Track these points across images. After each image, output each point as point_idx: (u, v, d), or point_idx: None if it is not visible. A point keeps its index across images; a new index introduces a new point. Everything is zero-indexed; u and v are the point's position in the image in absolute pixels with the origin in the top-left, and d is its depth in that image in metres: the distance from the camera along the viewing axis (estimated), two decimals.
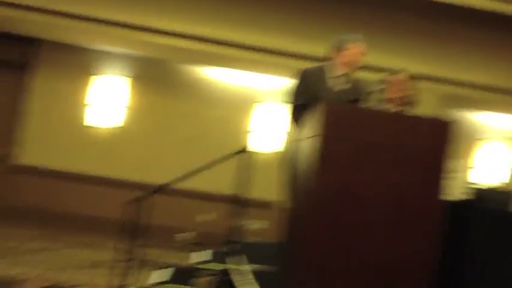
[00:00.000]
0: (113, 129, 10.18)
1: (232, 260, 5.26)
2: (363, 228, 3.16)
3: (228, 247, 5.80)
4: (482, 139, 10.95)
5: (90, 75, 10.18)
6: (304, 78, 4.82)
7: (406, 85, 4.80)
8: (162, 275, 5.32)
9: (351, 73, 4.84)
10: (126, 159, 10.02)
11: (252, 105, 10.35)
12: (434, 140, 3.22)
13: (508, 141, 10.96)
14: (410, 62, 8.52)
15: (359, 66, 4.86)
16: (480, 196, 3.51)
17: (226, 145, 7.96)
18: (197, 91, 10.30)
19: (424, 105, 4.98)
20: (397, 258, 3.16)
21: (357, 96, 4.74)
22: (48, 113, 10.06)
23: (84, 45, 9.91)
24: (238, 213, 5.65)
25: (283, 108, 7.87)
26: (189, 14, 8.74)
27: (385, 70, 5.13)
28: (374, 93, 3.89)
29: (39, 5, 8.42)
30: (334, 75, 4.81)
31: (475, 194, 3.54)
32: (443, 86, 9.05)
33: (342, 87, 4.81)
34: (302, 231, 3.26)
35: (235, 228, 5.61)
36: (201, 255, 5.69)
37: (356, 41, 4.79)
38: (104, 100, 10.17)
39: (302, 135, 3.89)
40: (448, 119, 3.29)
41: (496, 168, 10.89)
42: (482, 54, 9.11)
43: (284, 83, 8.92)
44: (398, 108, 4.76)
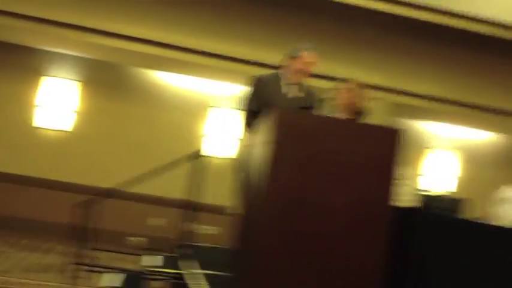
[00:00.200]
0: (62, 132, 10.04)
1: (184, 264, 5.26)
2: (315, 235, 3.16)
3: (180, 252, 5.80)
4: (430, 148, 11.19)
5: (40, 76, 10.02)
6: (257, 85, 4.85)
7: (357, 94, 4.88)
8: (113, 279, 5.27)
9: (304, 81, 4.92)
10: (77, 162, 9.89)
11: (205, 111, 10.35)
12: (384, 147, 3.25)
13: (454, 150, 11.23)
14: (362, 71, 8.68)
15: (310, 74, 4.94)
16: (428, 203, 3.58)
17: (178, 150, 7.95)
18: (149, 95, 10.25)
19: (375, 114, 5.08)
20: (349, 263, 3.17)
21: (309, 103, 4.81)
22: None
23: (33, 46, 9.76)
24: (190, 218, 5.65)
25: (236, 114, 7.91)
26: (142, 17, 8.69)
27: (337, 79, 5.21)
28: (326, 101, 3.95)
29: None
30: (288, 82, 4.88)
31: (423, 200, 3.61)
32: (393, 95, 9.22)
33: (296, 94, 4.87)
34: (254, 237, 3.25)
35: (187, 233, 5.60)
36: (153, 260, 5.67)
37: (308, 50, 4.86)
38: (54, 102, 10.03)
39: (254, 141, 3.91)
40: (398, 128, 3.34)
41: (443, 176, 11.14)
42: (432, 66, 9.32)
43: (237, 89, 8.97)
44: (350, 116, 4.84)
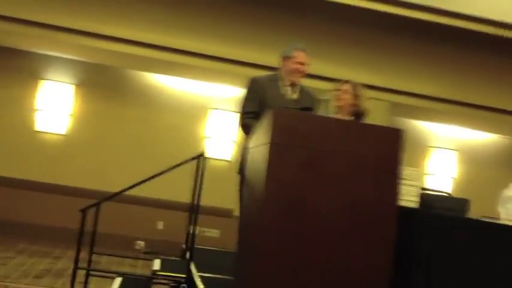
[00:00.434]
0: (61, 135, 10.04)
1: (189, 267, 5.27)
2: (315, 237, 3.14)
3: (184, 255, 5.81)
4: (431, 147, 11.20)
5: (38, 80, 10.03)
6: (254, 86, 4.84)
7: (356, 94, 4.90)
8: (116, 283, 5.29)
9: (300, 81, 4.93)
10: (77, 166, 9.90)
11: (204, 113, 10.35)
12: (386, 148, 3.24)
13: (455, 150, 11.24)
14: (361, 71, 8.70)
15: (306, 74, 4.95)
16: (431, 203, 3.56)
17: (177, 152, 7.97)
18: (147, 98, 10.25)
19: (374, 114, 5.10)
20: (351, 265, 3.15)
21: (308, 104, 4.81)
22: None
23: (30, 50, 9.78)
24: (193, 221, 5.66)
25: (234, 116, 7.92)
26: (139, 20, 8.70)
27: (336, 79, 5.22)
28: (325, 102, 3.96)
29: None
30: (286, 83, 4.89)
31: (426, 200, 3.60)
32: (393, 95, 9.22)
33: (295, 95, 4.89)
34: (254, 241, 3.23)
35: (191, 236, 5.61)
36: (156, 264, 5.68)
37: (299, 49, 4.88)
38: (52, 106, 10.03)
39: (253, 142, 3.91)
40: (398, 128, 3.33)
41: (444, 176, 11.14)
42: (431, 66, 9.33)
43: (236, 91, 8.98)
44: (349, 116, 4.86)
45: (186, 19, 8.76)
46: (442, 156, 11.20)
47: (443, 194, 4.00)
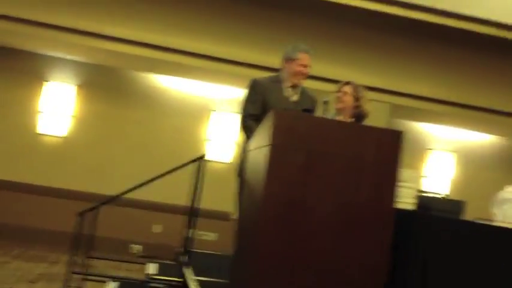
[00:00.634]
0: (62, 138, 10.00)
1: (186, 271, 5.22)
2: (313, 238, 3.13)
3: (180, 258, 5.76)
4: (430, 149, 11.17)
5: (41, 81, 9.99)
6: (256, 88, 4.81)
7: (357, 96, 4.86)
8: (113, 287, 5.23)
9: (301, 83, 4.89)
10: (77, 169, 9.85)
11: (206, 115, 10.32)
12: (385, 150, 3.23)
13: (454, 152, 11.21)
14: (362, 73, 8.66)
15: (310, 76, 4.92)
16: (429, 204, 3.56)
17: (179, 154, 7.94)
18: (149, 99, 10.22)
19: (374, 116, 5.06)
20: (349, 267, 3.15)
21: (308, 106, 4.78)
22: None
23: (33, 51, 9.74)
24: (190, 224, 5.61)
25: (235, 118, 7.88)
26: (143, 21, 8.65)
27: (336, 81, 5.18)
28: (325, 103, 3.92)
29: None
30: (288, 85, 4.85)
31: (424, 202, 3.59)
32: (393, 97, 9.19)
33: (296, 97, 4.85)
34: (253, 242, 3.22)
35: (188, 240, 5.56)
36: (153, 267, 5.62)
37: (303, 51, 4.83)
38: (54, 108, 9.99)
39: (253, 145, 3.88)
40: (398, 130, 3.31)
41: (442, 178, 11.12)
42: (431, 68, 9.30)
43: (238, 93, 8.93)
44: (350, 118, 4.82)
45: (188, 20, 8.72)
46: (440, 158, 11.17)
47: (440, 196, 3.97)
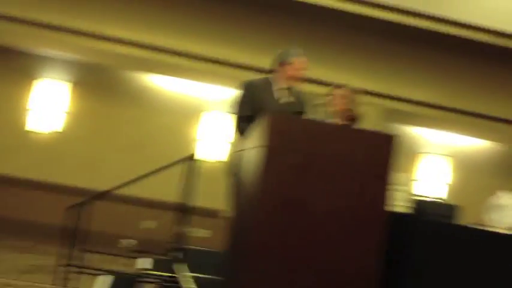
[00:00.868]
0: (54, 134, 10.00)
1: (176, 267, 5.25)
2: (306, 240, 3.15)
3: (172, 255, 5.79)
4: (424, 153, 11.22)
5: (32, 79, 10.00)
6: (249, 90, 4.82)
7: (351, 99, 4.89)
8: (104, 281, 5.25)
9: (295, 86, 4.93)
10: (69, 164, 9.86)
11: (198, 114, 10.34)
12: (378, 153, 3.25)
13: (447, 156, 11.26)
14: (356, 76, 8.71)
15: (303, 79, 4.95)
16: (423, 209, 3.58)
17: (169, 153, 7.94)
18: (141, 98, 10.23)
19: (368, 119, 5.10)
20: (342, 269, 3.16)
21: (301, 109, 4.81)
22: None
23: (25, 49, 9.73)
24: (182, 221, 5.64)
25: (228, 118, 7.91)
26: (135, 21, 8.69)
27: (330, 84, 5.22)
28: (319, 106, 3.96)
29: None
30: (279, 87, 4.88)
31: (417, 206, 3.61)
32: (386, 101, 9.23)
33: (288, 99, 4.88)
34: (245, 241, 3.25)
35: (179, 236, 5.59)
36: (144, 263, 5.65)
37: (299, 56, 4.87)
38: (46, 105, 9.99)
39: (246, 145, 3.90)
40: (391, 133, 3.34)
41: (436, 182, 11.17)
42: (425, 73, 9.36)
43: (230, 93, 8.96)
44: (343, 121, 4.86)
45: (181, 21, 8.75)
46: (435, 163, 11.22)
47: (436, 199, 4.01)
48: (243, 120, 4.71)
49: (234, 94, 4.95)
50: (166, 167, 5.66)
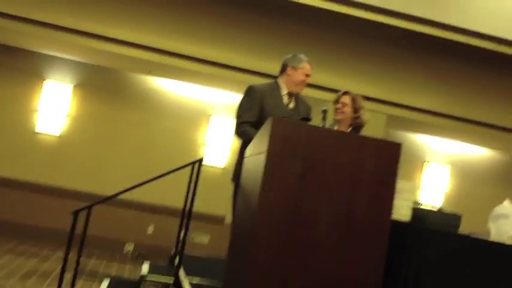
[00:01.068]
0: (59, 137, 10.00)
1: (179, 273, 5.23)
2: (308, 247, 3.13)
3: (173, 260, 5.78)
4: (428, 161, 11.20)
5: (39, 80, 10.00)
6: (253, 95, 4.80)
7: (357, 107, 4.88)
8: (106, 286, 5.24)
9: (300, 92, 4.92)
10: (73, 168, 9.85)
11: (203, 118, 10.33)
12: (382, 161, 3.23)
13: (449, 164, 11.24)
14: (360, 83, 8.70)
15: (308, 84, 4.95)
16: (424, 217, 3.56)
17: (175, 157, 7.96)
18: (146, 101, 10.23)
19: (371, 126, 5.08)
20: (342, 277, 3.13)
21: (305, 114, 4.80)
22: None
23: (32, 49, 9.75)
24: (186, 227, 5.62)
25: (232, 123, 7.91)
26: (143, 23, 8.67)
27: (334, 90, 5.21)
28: (324, 112, 3.94)
29: None
30: (286, 93, 4.87)
31: (419, 214, 3.59)
32: (390, 108, 9.21)
33: (294, 105, 4.87)
34: (247, 248, 3.22)
35: (183, 241, 5.58)
36: (146, 267, 5.64)
37: (306, 62, 4.87)
38: (51, 107, 9.99)
39: (249, 151, 3.88)
40: (396, 142, 3.33)
41: (437, 190, 11.15)
42: (429, 80, 9.32)
43: (235, 98, 8.95)
44: (347, 128, 4.84)
45: (187, 24, 8.74)
46: (435, 170, 11.20)
47: (438, 208, 3.98)
48: (248, 125, 4.68)
49: (239, 99, 4.93)
50: (175, 170, 5.61)
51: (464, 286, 3.38)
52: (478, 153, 11.33)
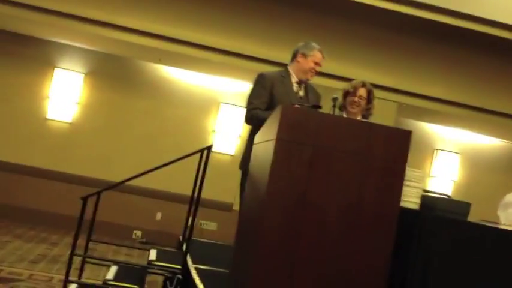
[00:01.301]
0: (69, 124, 10.04)
1: (187, 259, 5.24)
2: (318, 235, 3.11)
3: (181, 246, 5.78)
4: (438, 149, 11.16)
5: (49, 68, 10.02)
6: (263, 82, 4.79)
7: (371, 98, 4.87)
8: (114, 271, 5.26)
9: (309, 79, 4.90)
10: (83, 155, 9.91)
11: (213, 106, 10.34)
12: (392, 149, 3.21)
13: (460, 153, 11.20)
14: (371, 71, 8.67)
15: (318, 73, 4.93)
16: (434, 205, 3.54)
17: (184, 145, 7.96)
18: (156, 89, 10.26)
19: (382, 114, 5.06)
20: (350, 265, 3.12)
21: (315, 102, 4.78)
22: (2, 105, 9.87)
23: (43, 37, 9.77)
24: (194, 213, 5.62)
25: (242, 111, 7.90)
26: (152, 11, 8.67)
27: (345, 78, 5.19)
28: (334, 100, 3.92)
29: None
30: (296, 80, 4.85)
31: (429, 202, 3.57)
32: (401, 96, 9.17)
33: (303, 93, 4.86)
34: (254, 236, 3.20)
35: (191, 228, 5.58)
36: (154, 253, 5.65)
37: (317, 50, 4.84)
38: (62, 94, 10.02)
39: (258, 138, 3.87)
40: (407, 129, 3.31)
41: (448, 179, 11.12)
42: (441, 69, 9.28)
43: (245, 86, 8.94)
44: (358, 116, 4.83)
45: (198, 12, 8.72)
46: (445, 159, 11.16)
47: (448, 196, 3.95)
48: (258, 112, 4.67)
49: (249, 87, 4.92)
50: (185, 157, 5.60)
51: (473, 273, 3.36)
52: (488, 142, 11.29)
